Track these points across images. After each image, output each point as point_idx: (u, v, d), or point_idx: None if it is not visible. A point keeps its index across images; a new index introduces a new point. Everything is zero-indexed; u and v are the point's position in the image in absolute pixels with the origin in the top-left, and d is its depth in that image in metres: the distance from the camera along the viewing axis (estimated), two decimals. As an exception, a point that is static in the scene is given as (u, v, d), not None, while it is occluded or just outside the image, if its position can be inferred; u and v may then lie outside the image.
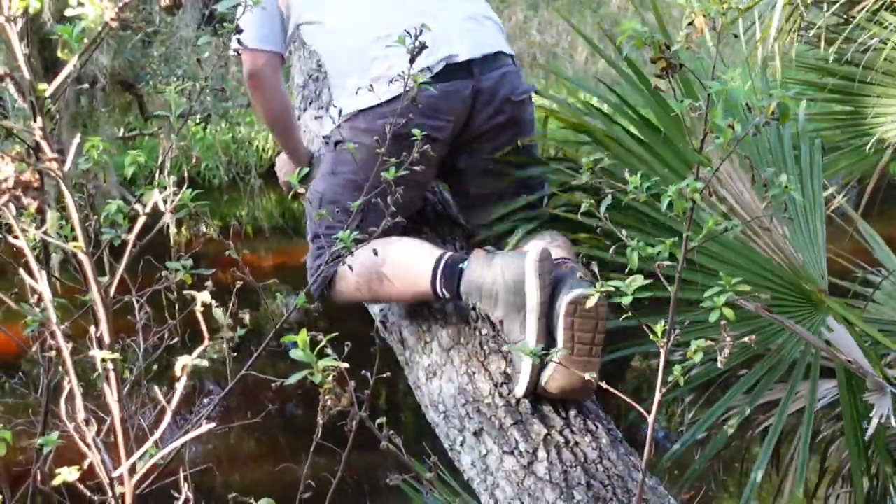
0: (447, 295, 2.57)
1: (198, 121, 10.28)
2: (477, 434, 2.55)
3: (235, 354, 1.74)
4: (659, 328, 1.55)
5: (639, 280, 1.57)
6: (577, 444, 2.49)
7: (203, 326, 1.24)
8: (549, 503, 2.42)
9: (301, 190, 2.82)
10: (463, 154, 2.78)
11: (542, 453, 2.47)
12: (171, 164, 1.74)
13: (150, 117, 9.84)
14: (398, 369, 2.81)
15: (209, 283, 1.67)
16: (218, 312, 1.71)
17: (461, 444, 2.58)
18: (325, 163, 2.81)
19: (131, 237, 1.20)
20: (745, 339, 1.60)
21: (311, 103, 3.23)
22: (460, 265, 2.54)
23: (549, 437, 2.49)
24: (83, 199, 1.83)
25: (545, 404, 2.54)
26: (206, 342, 1.17)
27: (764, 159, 3.06)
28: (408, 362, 2.76)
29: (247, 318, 1.76)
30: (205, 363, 1.10)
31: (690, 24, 1.73)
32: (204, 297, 1.22)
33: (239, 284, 1.88)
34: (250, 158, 11.24)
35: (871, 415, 2.72)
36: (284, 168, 3.12)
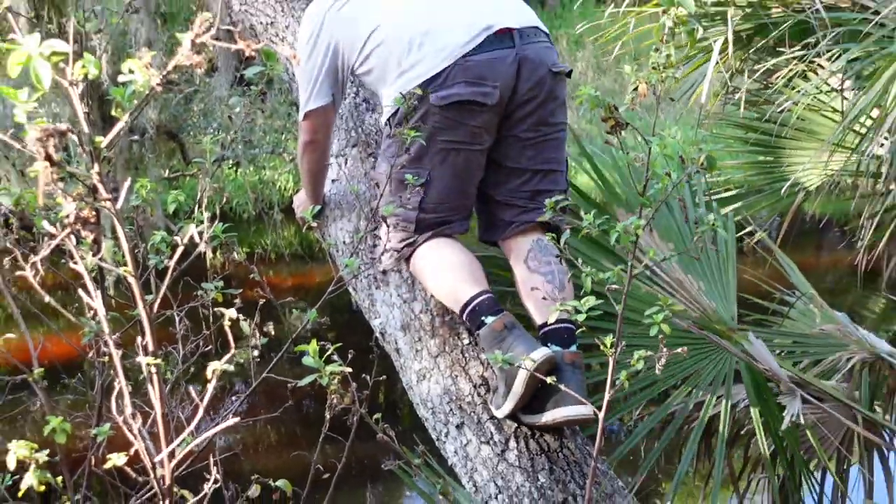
0: (469, 326, 2.54)
1: (230, 165, 10.32)
2: (459, 427, 2.54)
3: (259, 360, 1.75)
4: (608, 341, 1.56)
5: (591, 300, 1.58)
6: (541, 435, 2.48)
7: (230, 337, 1.25)
8: (519, 485, 2.41)
9: (314, 224, 2.83)
10: (507, 123, 2.52)
11: (512, 443, 2.47)
12: (207, 200, 1.75)
13: (191, 162, 9.86)
14: (395, 374, 2.81)
15: (237, 301, 1.68)
16: (244, 325, 1.72)
17: (446, 436, 2.58)
18: (387, 147, 2.57)
19: (172, 263, 1.21)
20: (679, 349, 1.61)
21: (323, 151, 3.23)
22: (483, 318, 2.40)
23: (518, 429, 2.48)
24: (133, 230, 1.84)
25: (516, 402, 2.54)
26: (233, 350, 1.18)
27: (679, 225, 3.11)
28: (402, 367, 2.75)
29: (271, 328, 1.77)
30: (231, 368, 1.11)
31: (635, 89, 1.75)
32: (231, 313, 1.23)
33: (262, 302, 1.89)
34: (273, 196, 11.28)
35: (783, 413, 2.73)
36: (302, 205, 3.04)
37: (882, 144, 2.69)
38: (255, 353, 1.70)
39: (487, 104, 2.39)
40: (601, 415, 1.59)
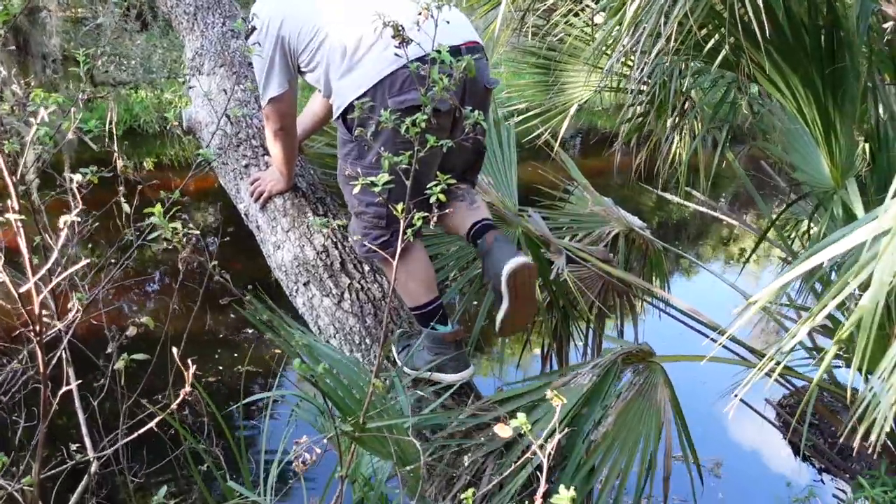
0: (415, 323, 2.44)
1: (130, 87, 9.83)
2: (306, 284, 2.61)
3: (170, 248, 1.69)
4: (400, 207, 1.63)
5: (385, 177, 1.63)
6: (369, 289, 2.57)
7: (74, 202, 1.22)
8: (351, 326, 2.51)
9: (184, 128, 2.79)
10: (452, 128, 2.25)
11: (346, 295, 2.55)
12: (117, 118, 1.70)
13: (98, 84, 9.39)
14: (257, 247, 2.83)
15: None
16: (125, 207, 1.71)
17: (296, 292, 2.64)
18: (348, 149, 2.28)
19: (28, 139, 1.18)
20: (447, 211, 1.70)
21: (197, 72, 3.17)
22: (431, 323, 2.31)
23: (351, 285, 2.56)
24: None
25: (349, 264, 2.61)
26: (79, 206, 1.18)
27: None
28: (262, 241, 2.78)
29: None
30: (77, 219, 1.12)
31: (420, 13, 1.79)
32: (77, 177, 1.22)
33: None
34: (173, 114, 10.89)
35: (552, 267, 2.90)
36: (273, 182, 2.73)
37: (623, 64, 2.82)
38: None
39: (442, 110, 2.15)
40: (394, 264, 1.66)
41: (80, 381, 1.33)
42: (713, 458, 4.50)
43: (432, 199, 1.57)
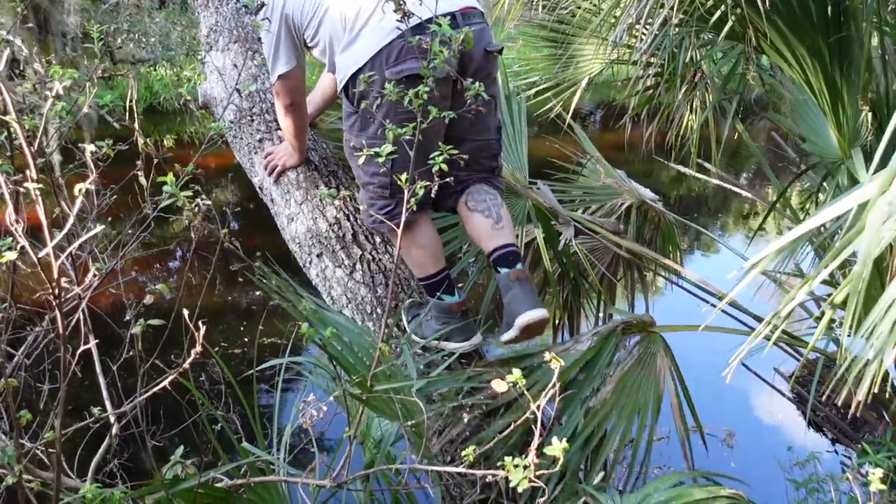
0: (424, 293, 2.49)
1: (149, 64, 9.90)
2: (319, 256, 2.67)
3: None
4: (404, 177, 1.68)
5: (389, 147, 1.68)
6: (380, 259, 2.63)
7: (90, 172, 1.28)
8: (363, 296, 2.57)
9: (199, 103, 2.84)
10: (455, 97, 2.23)
11: (358, 266, 2.61)
12: (137, 95, 1.75)
13: (117, 62, 9.47)
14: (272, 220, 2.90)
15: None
16: (142, 179, 1.77)
17: (309, 263, 2.70)
18: (352, 121, 2.30)
19: (44, 112, 1.24)
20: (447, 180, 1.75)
21: (211, 48, 3.22)
22: (438, 293, 2.36)
23: (363, 256, 2.62)
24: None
25: (360, 236, 2.67)
26: (93, 178, 1.23)
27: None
28: (276, 214, 2.84)
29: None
30: (92, 187, 1.18)
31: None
32: (91, 147, 1.27)
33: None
34: (187, 90, 10.93)
35: (559, 238, 2.95)
36: (286, 157, 2.79)
37: (631, 36, 2.84)
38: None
39: (438, 78, 2.12)
40: (399, 231, 1.71)
41: (98, 342, 1.40)
42: (726, 428, 4.55)
43: (434, 170, 1.61)
